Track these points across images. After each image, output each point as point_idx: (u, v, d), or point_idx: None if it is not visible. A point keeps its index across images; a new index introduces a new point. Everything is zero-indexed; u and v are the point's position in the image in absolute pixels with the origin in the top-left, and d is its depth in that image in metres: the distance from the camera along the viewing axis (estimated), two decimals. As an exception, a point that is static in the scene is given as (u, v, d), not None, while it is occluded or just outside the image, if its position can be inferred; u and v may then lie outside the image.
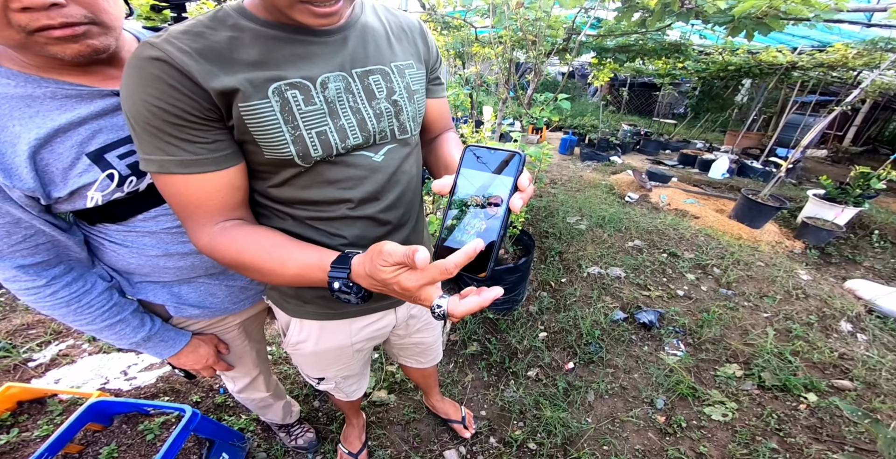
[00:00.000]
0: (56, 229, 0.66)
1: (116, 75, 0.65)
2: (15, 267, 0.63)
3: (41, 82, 0.59)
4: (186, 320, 0.90)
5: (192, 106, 0.53)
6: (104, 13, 0.57)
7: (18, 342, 1.83)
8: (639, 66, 6.59)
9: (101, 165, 0.64)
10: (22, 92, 0.58)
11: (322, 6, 0.51)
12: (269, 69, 0.56)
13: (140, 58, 0.51)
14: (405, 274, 0.49)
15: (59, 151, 0.61)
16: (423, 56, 0.76)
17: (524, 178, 0.49)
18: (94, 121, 0.63)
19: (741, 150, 6.60)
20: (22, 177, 0.58)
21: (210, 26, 0.55)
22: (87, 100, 0.63)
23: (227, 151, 0.58)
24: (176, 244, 0.77)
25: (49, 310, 0.70)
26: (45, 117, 0.59)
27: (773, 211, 3.53)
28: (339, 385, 1.06)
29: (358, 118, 0.64)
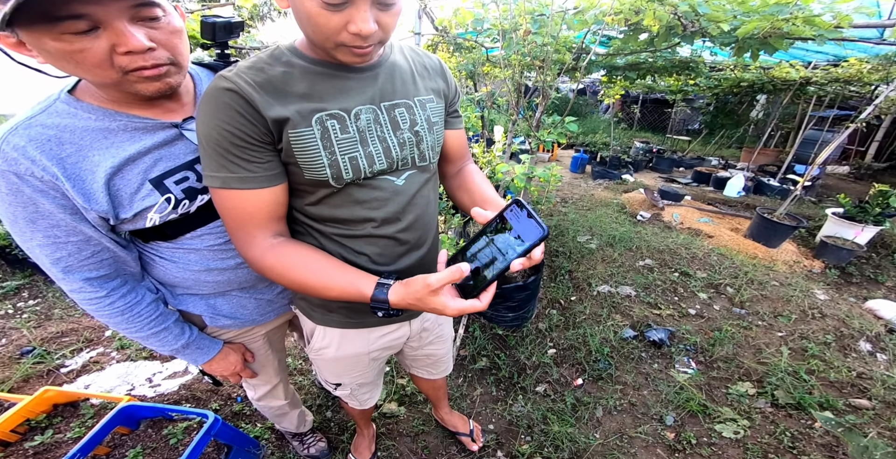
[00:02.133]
0: (118, 246, 0.76)
1: (174, 108, 0.76)
2: (82, 280, 0.73)
3: (115, 116, 0.69)
4: (219, 330, 0.98)
5: (254, 130, 0.63)
6: (181, 55, 0.68)
7: (53, 349, 1.95)
8: (650, 83, 6.64)
9: (160, 190, 0.73)
10: (100, 125, 0.68)
11: (359, 49, 0.61)
12: (313, 101, 0.67)
13: (216, 88, 0.63)
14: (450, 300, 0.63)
15: (128, 178, 0.71)
16: (444, 92, 0.85)
17: (538, 251, 0.59)
18: (157, 150, 0.73)
19: (757, 167, 6.51)
20: (98, 201, 0.68)
21: (268, 62, 0.66)
22: (151, 132, 0.72)
23: (277, 171, 0.68)
24: (216, 260, 0.86)
25: (106, 319, 0.78)
26: (118, 147, 0.69)
27: (790, 230, 3.48)
28: (353, 393, 1.12)
29: (384, 146, 0.73)
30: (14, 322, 2.16)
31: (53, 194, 0.65)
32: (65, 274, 0.71)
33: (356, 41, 0.59)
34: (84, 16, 0.55)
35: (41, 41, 0.56)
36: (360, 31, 0.57)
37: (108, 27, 0.58)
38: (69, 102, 0.67)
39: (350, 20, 0.56)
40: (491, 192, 0.89)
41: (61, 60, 0.59)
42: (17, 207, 0.64)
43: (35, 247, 0.68)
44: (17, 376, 1.76)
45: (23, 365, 1.82)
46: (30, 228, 0.66)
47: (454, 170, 0.97)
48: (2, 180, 0.62)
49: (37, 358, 1.86)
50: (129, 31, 0.59)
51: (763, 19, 1.80)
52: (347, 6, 0.55)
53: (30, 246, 0.68)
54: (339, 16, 0.56)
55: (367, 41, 0.60)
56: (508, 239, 0.59)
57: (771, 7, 1.84)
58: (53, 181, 0.64)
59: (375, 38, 0.61)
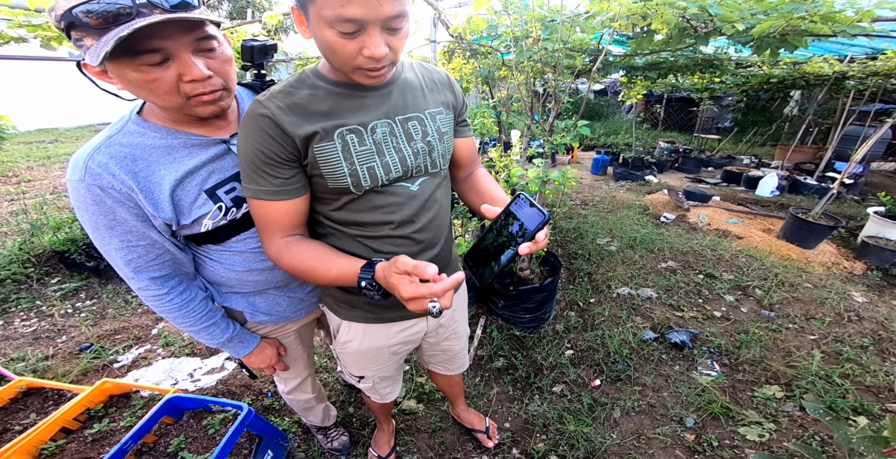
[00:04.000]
0: (177, 249, 0.87)
1: (223, 126, 0.87)
2: (148, 279, 0.84)
3: (176, 134, 0.80)
4: (257, 325, 1.09)
5: (281, 150, 0.73)
6: (231, 81, 0.80)
7: (107, 345, 2.15)
8: (674, 82, 6.48)
9: (213, 199, 0.84)
10: (164, 142, 0.79)
11: (373, 71, 0.69)
12: (335, 118, 0.75)
13: (253, 113, 0.73)
14: (406, 283, 0.65)
15: (188, 189, 0.81)
16: (452, 104, 0.92)
17: (541, 234, 0.66)
18: (210, 164, 0.84)
19: (793, 166, 6.22)
20: (164, 209, 0.79)
21: (295, 86, 0.76)
22: (205, 148, 0.83)
23: (298, 185, 0.78)
24: (256, 261, 0.96)
25: (166, 313, 0.90)
26: (179, 162, 0.80)
27: (827, 230, 3.33)
28: (375, 386, 1.20)
29: (399, 156, 0.81)
30: (73, 320, 2.39)
31: (129, 204, 0.76)
32: (134, 274, 0.83)
33: (370, 63, 0.67)
34: (159, 50, 0.66)
35: (124, 72, 0.67)
36: (373, 55, 0.65)
37: (177, 59, 0.69)
38: (139, 123, 0.79)
39: (364, 45, 0.65)
40: (498, 192, 0.96)
41: (138, 88, 0.70)
42: (98, 215, 0.76)
43: (112, 250, 0.80)
44: (77, 370, 1.95)
45: (82, 360, 2.01)
46: (108, 233, 0.78)
47: (465, 175, 1.04)
48: (87, 192, 0.73)
49: (93, 354, 2.06)
50: (192, 62, 0.70)
51: (779, 17, 1.78)
52: (360, 34, 0.64)
53: (107, 249, 0.80)
54: (354, 42, 0.64)
55: (380, 63, 0.68)
56: (515, 229, 0.67)
57: (787, 4, 1.80)
58: (129, 193, 0.75)
59: (387, 60, 0.69)
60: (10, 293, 2.64)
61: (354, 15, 0.60)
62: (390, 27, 0.65)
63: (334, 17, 0.60)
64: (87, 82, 0.76)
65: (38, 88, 10.14)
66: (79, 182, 0.73)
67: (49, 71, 10.10)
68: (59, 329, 2.33)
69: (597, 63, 2.12)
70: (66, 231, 2.95)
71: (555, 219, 3.58)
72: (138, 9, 0.63)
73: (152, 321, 2.39)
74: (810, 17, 1.75)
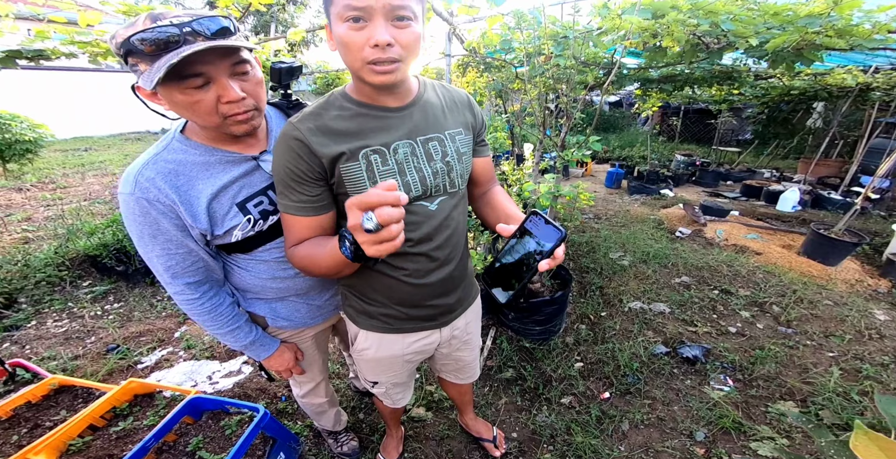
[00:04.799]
0: (210, 257, 0.94)
1: (253, 144, 0.93)
2: (183, 284, 0.91)
3: (213, 151, 0.88)
4: (277, 330, 1.16)
5: (310, 169, 0.79)
6: (262, 101, 0.87)
7: (132, 346, 2.25)
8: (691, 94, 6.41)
9: (243, 212, 0.91)
10: (203, 159, 0.87)
11: (380, 66, 0.70)
12: (360, 139, 0.80)
13: (286, 134, 0.79)
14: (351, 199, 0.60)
15: (222, 202, 0.88)
16: (471, 124, 0.96)
17: (560, 251, 0.67)
18: (241, 179, 0.91)
19: (817, 180, 6.07)
20: (201, 221, 0.86)
21: (324, 108, 0.82)
22: (237, 164, 0.90)
23: (322, 203, 0.83)
24: (279, 270, 1.03)
25: (196, 316, 0.97)
26: (215, 177, 0.87)
27: (851, 247, 3.25)
28: (388, 391, 1.24)
29: (420, 175, 0.85)
30: (102, 322, 2.51)
31: (171, 216, 0.84)
32: (171, 279, 0.90)
33: (376, 54, 0.68)
34: (201, 74, 0.74)
35: (171, 94, 0.75)
36: (377, 42, 0.67)
37: (216, 82, 0.77)
38: (182, 141, 0.88)
39: (370, 35, 0.68)
40: (513, 209, 0.99)
41: (183, 108, 0.78)
42: (144, 225, 0.84)
43: (154, 257, 0.88)
44: (105, 370, 2.05)
45: (109, 361, 2.11)
46: (151, 242, 0.86)
47: (481, 192, 1.09)
48: (136, 204, 0.82)
49: (120, 355, 2.16)
50: (229, 84, 0.77)
51: (794, 31, 1.77)
52: (367, 25, 0.68)
53: (149, 255, 0.88)
54: (361, 34, 0.68)
55: (386, 53, 0.69)
56: (532, 246, 0.68)
57: (803, 19, 1.79)
58: (172, 205, 0.83)
59: (395, 53, 0.69)
60: (44, 294, 2.79)
61: (359, 3, 0.65)
62: (395, 17, 0.68)
63: (344, 7, 0.67)
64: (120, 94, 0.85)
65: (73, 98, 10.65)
66: (129, 195, 0.81)
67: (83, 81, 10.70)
68: (89, 330, 2.45)
69: (610, 76, 2.14)
70: (98, 236, 3.11)
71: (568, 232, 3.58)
72: (185, 37, 0.71)
73: (175, 324, 2.49)
74: (825, 31, 1.73)
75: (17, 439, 1.48)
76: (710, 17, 1.84)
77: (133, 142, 10.72)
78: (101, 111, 11.49)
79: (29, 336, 2.40)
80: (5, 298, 2.67)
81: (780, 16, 1.87)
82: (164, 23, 0.70)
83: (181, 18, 0.72)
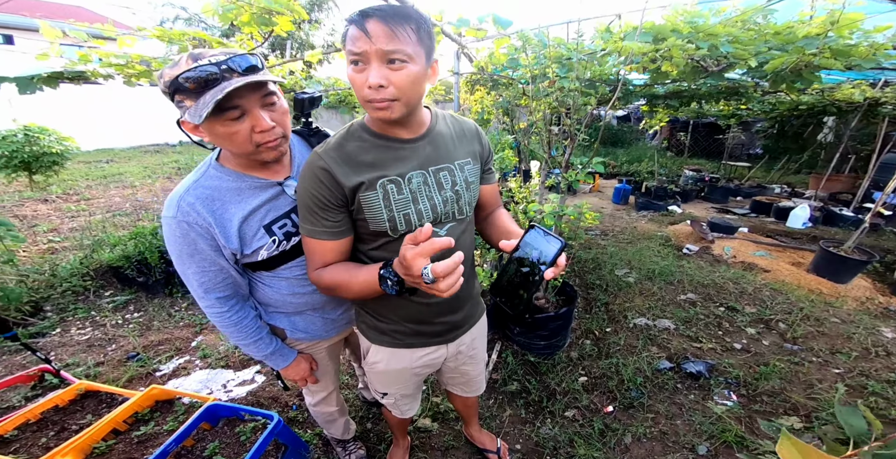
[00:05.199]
0: (238, 274, 1.03)
1: (279, 170, 1.02)
2: (214, 298, 1.00)
3: (244, 177, 0.97)
4: (295, 341, 1.24)
5: (332, 196, 0.86)
6: (288, 129, 0.96)
7: (151, 355, 2.34)
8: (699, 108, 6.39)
9: (269, 233, 0.99)
10: (235, 185, 0.96)
11: (376, 103, 0.78)
12: (378, 170, 0.87)
13: (312, 163, 0.87)
14: (407, 248, 0.70)
15: (251, 224, 0.97)
16: (479, 153, 1.04)
17: (562, 259, 0.72)
18: (268, 203, 0.99)
19: (828, 196, 6.01)
20: (233, 242, 0.95)
21: (346, 139, 0.89)
22: (265, 189, 0.99)
23: (342, 228, 0.90)
24: (299, 287, 1.12)
25: (223, 328, 1.06)
26: (246, 202, 0.96)
27: (861, 264, 3.24)
28: (396, 402, 1.30)
29: (431, 204, 0.92)
30: (122, 331, 2.61)
31: (207, 237, 0.93)
32: (204, 293, 0.99)
33: (372, 94, 0.76)
34: (238, 107, 0.84)
35: (213, 127, 0.85)
36: (370, 83, 0.75)
37: (250, 113, 0.86)
38: (217, 168, 0.97)
39: (367, 76, 0.75)
40: (514, 228, 1.06)
41: (221, 139, 0.88)
42: (183, 245, 0.93)
43: (190, 274, 0.97)
44: (125, 377, 2.14)
45: (129, 368, 2.21)
46: (189, 260, 0.95)
47: (486, 214, 1.17)
48: (177, 227, 0.91)
49: (139, 363, 2.25)
50: (261, 115, 0.87)
51: (793, 52, 1.80)
52: (366, 67, 0.75)
53: (186, 272, 0.97)
54: (362, 75, 0.76)
55: (380, 94, 0.76)
56: (535, 257, 0.72)
57: (801, 40, 1.82)
58: (208, 227, 0.92)
59: (388, 94, 0.77)
60: (69, 303, 2.92)
61: (357, 49, 0.74)
62: (389, 60, 0.75)
63: (348, 52, 0.76)
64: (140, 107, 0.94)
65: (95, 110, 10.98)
66: (172, 218, 0.91)
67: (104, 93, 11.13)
68: (110, 338, 2.55)
69: (616, 92, 2.20)
70: (121, 248, 3.25)
71: (573, 250, 3.64)
72: (222, 74, 0.81)
73: (192, 334, 2.58)
74: (822, 52, 1.76)
75: (45, 441, 1.56)
76: (710, 39, 1.86)
77: (152, 154, 11.07)
78: (122, 123, 11.94)
79: (53, 343, 2.51)
80: (32, 306, 2.80)
81: (781, 35, 1.90)
82: (203, 62, 0.80)
83: (217, 57, 0.82)
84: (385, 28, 0.72)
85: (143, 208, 5.37)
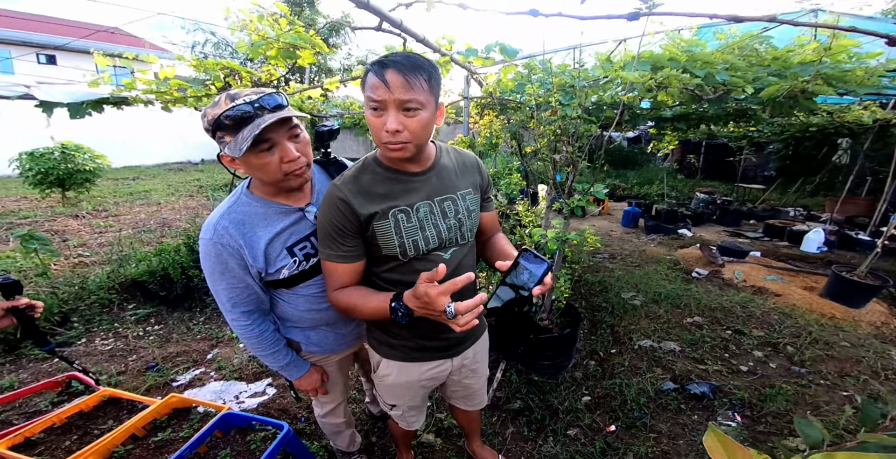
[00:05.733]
0: (262, 291, 1.13)
1: (300, 197, 1.13)
2: (240, 312, 1.10)
3: (270, 204, 1.08)
4: (309, 354, 1.32)
5: (349, 224, 0.96)
6: (309, 158, 1.08)
7: (169, 366, 2.45)
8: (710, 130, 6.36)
9: (291, 255, 1.09)
10: (263, 211, 1.07)
11: (391, 145, 0.89)
12: (390, 200, 0.98)
13: (333, 195, 0.97)
14: (430, 287, 0.82)
15: (276, 246, 1.07)
16: (479, 184, 1.14)
17: (547, 278, 0.84)
18: (291, 227, 1.10)
19: (845, 219, 5.91)
20: (259, 261, 1.06)
21: (361, 172, 1.00)
22: (288, 215, 1.10)
23: (357, 252, 1.01)
24: (314, 304, 1.21)
25: (246, 339, 1.16)
26: (272, 226, 1.07)
27: (875, 289, 3.20)
28: (404, 414, 1.37)
29: (437, 231, 1.02)
30: (143, 342, 2.73)
31: (237, 257, 1.04)
32: (232, 308, 1.10)
33: (389, 137, 0.87)
34: (269, 140, 0.96)
35: (248, 159, 0.97)
36: (388, 128, 0.85)
37: (279, 146, 0.98)
38: (248, 195, 1.09)
39: (385, 122, 0.87)
40: (510, 250, 1.17)
41: (255, 169, 1.00)
42: (216, 264, 1.05)
43: (220, 290, 1.08)
44: (144, 386, 2.24)
45: (148, 377, 2.31)
46: (221, 277, 1.06)
47: (486, 239, 1.27)
48: (213, 248, 1.03)
49: (158, 373, 2.36)
50: (289, 147, 0.99)
51: (788, 79, 1.86)
52: (384, 113, 0.87)
53: (217, 288, 1.08)
54: (380, 120, 0.87)
55: (396, 138, 0.87)
56: (525, 277, 0.84)
57: (795, 66, 1.88)
58: (239, 249, 1.04)
59: (403, 137, 0.87)
60: (94, 315, 3.07)
61: (377, 97, 0.85)
62: (405, 108, 0.85)
63: (367, 99, 0.87)
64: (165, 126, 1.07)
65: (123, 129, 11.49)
66: (209, 240, 1.03)
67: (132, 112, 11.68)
68: (131, 349, 2.67)
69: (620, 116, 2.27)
70: (146, 263, 3.42)
71: (580, 273, 3.68)
72: (255, 112, 0.94)
73: (208, 347, 2.69)
74: (814, 79, 1.81)
75: (69, 444, 1.65)
76: (706, 67, 1.93)
77: (175, 172, 11.55)
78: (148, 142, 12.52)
79: (78, 352, 2.64)
80: (61, 317, 2.96)
81: (780, 60, 1.96)
82: (239, 102, 0.93)
83: (250, 96, 0.95)
84: (402, 79, 0.83)
85: (167, 226, 5.61)
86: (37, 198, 6.94)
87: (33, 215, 6.13)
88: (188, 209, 6.77)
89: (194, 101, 2.38)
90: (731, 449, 0.53)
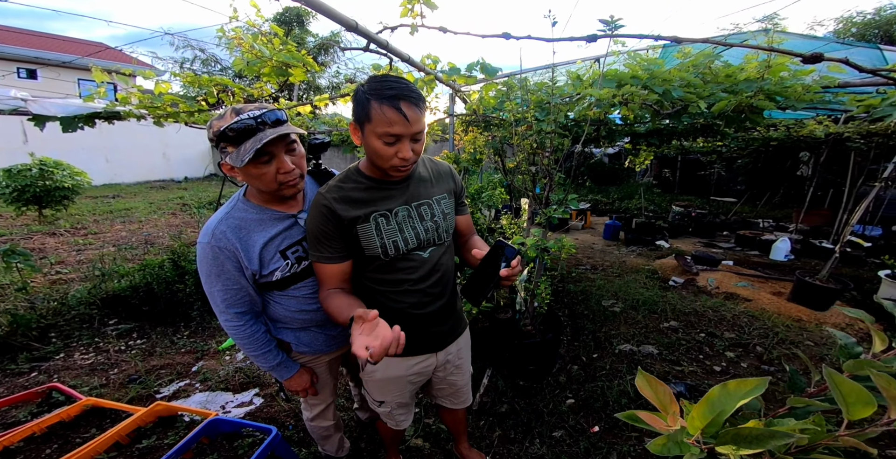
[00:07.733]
0: (255, 292, 1.19)
1: (293, 204, 1.21)
2: (234, 312, 1.16)
3: (264, 210, 1.16)
4: (299, 355, 1.37)
5: (334, 228, 1.05)
6: (303, 170, 1.16)
7: (152, 378, 2.42)
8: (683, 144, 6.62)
9: (284, 258, 1.16)
10: (258, 217, 1.14)
11: (403, 169, 1.02)
12: (371, 206, 1.08)
13: (318, 203, 1.07)
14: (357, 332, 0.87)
15: (269, 249, 1.15)
16: (453, 189, 1.25)
17: (514, 261, 0.97)
18: (284, 232, 1.17)
19: (810, 229, 6.26)
20: (254, 264, 1.13)
21: (344, 181, 1.09)
22: (281, 220, 1.17)
23: (342, 254, 1.10)
24: (305, 305, 1.27)
25: (238, 339, 1.21)
26: (266, 231, 1.14)
27: (836, 292, 3.40)
28: (392, 412, 1.41)
29: (415, 232, 1.13)
30: (125, 356, 2.69)
31: (233, 260, 1.11)
32: (226, 308, 1.15)
33: (402, 163, 1.00)
34: (268, 152, 1.04)
35: (247, 169, 1.04)
36: (405, 157, 0.98)
37: (276, 158, 1.06)
38: (244, 202, 1.17)
39: (398, 151, 0.99)
40: (486, 247, 1.25)
41: (253, 178, 1.08)
42: (213, 266, 1.11)
43: (215, 291, 1.14)
44: (126, 398, 2.21)
45: (131, 390, 2.28)
46: (216, 279, 1.12)
47: (463, 240, 1.38)
48: (210, 251, 1.09)
49: (141, 385, 2.32)
50: (285, 159, 1.08)
51: (735, 95, 2.01)
52: (397, 143, 0.98)
53: (212, 290, 1.14)
54: (392, 149, 0.98)
55: (407, 162, 1.00)
56: (496, 263, 0.97)
57: (741, 83, 2.03)
58: (235, 252, 1.10)
59: (412, 161, 1.01)
60: (73, 330, 3.01)
61: (396, 132, 0.95)
62: (415, 139, 0.99)
63: (383, 133, 0.96)
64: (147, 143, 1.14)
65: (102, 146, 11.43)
66: (206, 244, 1.10)
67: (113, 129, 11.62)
68: (113, 363, 2.63)
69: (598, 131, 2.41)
70: (129, 279, 3.39)
71: (562, 283, 3.80)
72: (258, 126, 1.02)
73: (193, 359, 2.67)
74: (756, 95, 1.96)
75: (49, 453, 1.63)
76: (664, 85, 2.08)
77: (157, 190, 11.38)
78: (129, 159, 12.34)
79: (57, 366, 2.58)
80: (39, 332, 2.90)
81: (732, 78, 2.10)
82: (244, 116, 1.01)
83: (254, 111, 1.03)
84: (415, 114, 0.95)
85: (150, 243, 5.54)
86: (11, 215, 6.76)
87: (8, 233, 5.97)
88: (171, 226, 6.70)
89: (186, 117, 2.45)
90: (654, 384, 0.64)
